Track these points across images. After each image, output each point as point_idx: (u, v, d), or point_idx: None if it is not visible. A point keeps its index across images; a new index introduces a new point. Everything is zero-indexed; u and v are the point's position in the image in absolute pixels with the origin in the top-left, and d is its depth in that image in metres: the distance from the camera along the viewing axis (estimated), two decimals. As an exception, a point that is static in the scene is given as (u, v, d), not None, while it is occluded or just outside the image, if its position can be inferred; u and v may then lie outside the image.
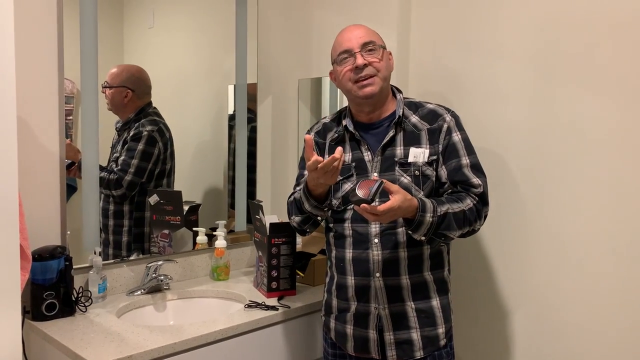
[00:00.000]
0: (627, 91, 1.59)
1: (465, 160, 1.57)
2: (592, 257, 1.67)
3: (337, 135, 1.68)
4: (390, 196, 1.40)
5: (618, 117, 1.60)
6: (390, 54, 1.64)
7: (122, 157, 2.03)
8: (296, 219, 1.68)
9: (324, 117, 1.79)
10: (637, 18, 1.56)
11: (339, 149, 1.42)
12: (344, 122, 1.66)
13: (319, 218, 1.65)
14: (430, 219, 1.45)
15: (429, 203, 1.47)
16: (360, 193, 1.36)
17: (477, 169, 1.58)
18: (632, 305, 1.60)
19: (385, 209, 1.36)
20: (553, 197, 1.74)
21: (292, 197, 1.70)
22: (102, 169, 1.95)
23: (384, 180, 1.41)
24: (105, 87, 1.96)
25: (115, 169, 2.01)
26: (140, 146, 2.05)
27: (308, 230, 1.71)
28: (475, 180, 1.56)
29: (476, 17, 1.90)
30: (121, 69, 2.01)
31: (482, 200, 1.56)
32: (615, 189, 1.62)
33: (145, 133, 2.06)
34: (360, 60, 1.55)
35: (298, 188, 1.67)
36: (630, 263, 1.60)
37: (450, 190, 1.57)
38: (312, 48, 2.32)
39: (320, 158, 1.41)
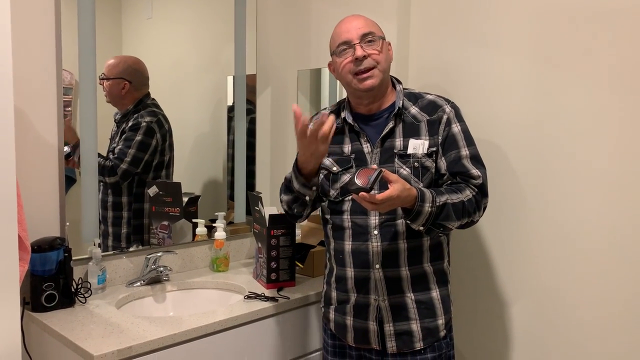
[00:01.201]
0: (626, 83, 1.58)
1: (464, 152, 1.57)
2: (591, 249, 1.67)
3: (336, 127, 1.67)
4: (389, 185, 1.39)
5: (617, 108, 1.60)
6: (390, 44, 1.63)
7: (119, 146, 2.02)
8: (285, 197, 1.66)
9: (324, 109, 1.78)
10: (638, 10, 1.55)
11: (331, 116, 1.43)
12: (342, 114, 1.65)
13: (307, 198, 1.60)
14: (429, 209, 1.45)
15: (428, 193, 1.46)
16: (358, 181, 1.35)
17: (476, 160, 1.58)
18: (632, 297, 1.60)
19: (384, 197, 1.35)
20: (553, 189, 1.74)
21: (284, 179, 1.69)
22: (99, 157, 1.94)
23: (383, 169, 1.40)
24: (103, 78, 1.95)
25: (111, 157, 2.00)
26: (138, 136, 2.05)
27: (296, 210, 1.66)
28: (475, 171, 1.55)
29: (476, 9, 1.89)
30: (118, 60, 2.00)
31: (482, 191, 1.56)
32: (616, 181, 1.61)
33: (143, 124, 2.06)
34: (359, 52, 1.54)
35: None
36: (631, 255, 1.59)
37: (449, 182, 1.57)
38: (311, 39, 2.31)
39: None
